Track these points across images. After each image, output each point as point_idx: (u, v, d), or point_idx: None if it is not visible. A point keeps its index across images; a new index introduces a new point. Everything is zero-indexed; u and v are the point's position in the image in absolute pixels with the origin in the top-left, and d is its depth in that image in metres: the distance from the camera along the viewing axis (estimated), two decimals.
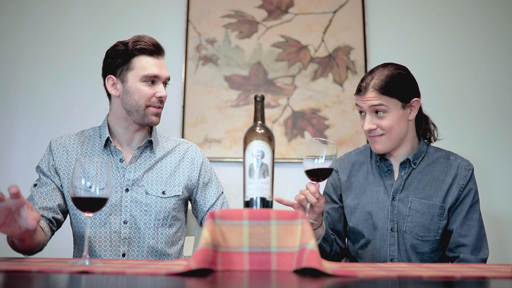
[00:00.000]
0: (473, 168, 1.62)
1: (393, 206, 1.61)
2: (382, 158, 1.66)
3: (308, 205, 1.42)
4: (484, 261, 1.54)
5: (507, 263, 1.38)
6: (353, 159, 1.75)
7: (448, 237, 1.59)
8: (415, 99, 1.59)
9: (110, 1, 2.65)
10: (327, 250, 1.60)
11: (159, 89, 1.56)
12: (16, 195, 1.07)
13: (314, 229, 1.52)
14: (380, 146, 1.59)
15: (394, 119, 1.55)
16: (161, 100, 1.58)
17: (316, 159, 1.36)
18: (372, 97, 1.54)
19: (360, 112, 1.62)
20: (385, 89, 1.54)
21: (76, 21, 2.63)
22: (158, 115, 1.59)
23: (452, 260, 1.57)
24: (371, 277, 0.94)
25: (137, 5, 2.64)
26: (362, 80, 1.59)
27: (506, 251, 2.41)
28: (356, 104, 1.61)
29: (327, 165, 1.37)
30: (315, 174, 1.39)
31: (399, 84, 1.56)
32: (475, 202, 1.59)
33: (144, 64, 1.55)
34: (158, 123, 1.60)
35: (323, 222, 1.56)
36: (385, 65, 1.60)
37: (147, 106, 1.55)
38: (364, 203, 1.65)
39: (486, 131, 2.51)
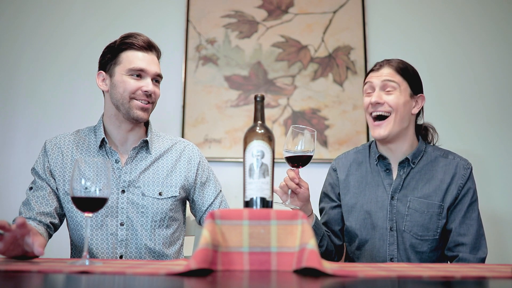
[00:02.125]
0: (471, 167, 1.63)
1: (392, 206, 1.61)
2: (381, 157, 1.67)
3: (289, 191, 1.46)
4: (483, 260, 1.54)
5: (507, 263, 1.38)
6: (351, 158, 1.75)
7: (447, 236, 1.59)
8: (422, 94, 1.65)
9: (110, 1, 2.66)
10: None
11: (146, 83, 1.55)
12: (23, 226, 1.13)
13: None
14: (383, 130, 1.59)
15: (401, 99, 1.59)
16: (148, 95, 1.55)
17: (295, 146, 1.42)
18: (387, 73, 1.60)
19: (368, 92, 1.63)
20: (400, 70, 1.61)
21: (76, 21, 2.63)
22: (144, 110, 1.56)
23: (451, 259, 1.57)
24: (371, 277, 0.94)
25: (137, 5, 2.64)
26: (378, 62, 1.66)
27: (506, 251, 2.41)
28: (366, 82, 1.64)
29: (305, 151, 1.42)
30: (294, 161, 1.43)
31: (412, 73, 1.64)
32: (474, 201, 1.60)
33: (130, 58, 1.55)
34: (145, 119, 1.58)
35: (313, 213, 1.56)
36: (399, 59, 1.68)
37: (131, 99, 1.54)
38: (362, 202, 1.66)
39: (485, 130, 2.51)
